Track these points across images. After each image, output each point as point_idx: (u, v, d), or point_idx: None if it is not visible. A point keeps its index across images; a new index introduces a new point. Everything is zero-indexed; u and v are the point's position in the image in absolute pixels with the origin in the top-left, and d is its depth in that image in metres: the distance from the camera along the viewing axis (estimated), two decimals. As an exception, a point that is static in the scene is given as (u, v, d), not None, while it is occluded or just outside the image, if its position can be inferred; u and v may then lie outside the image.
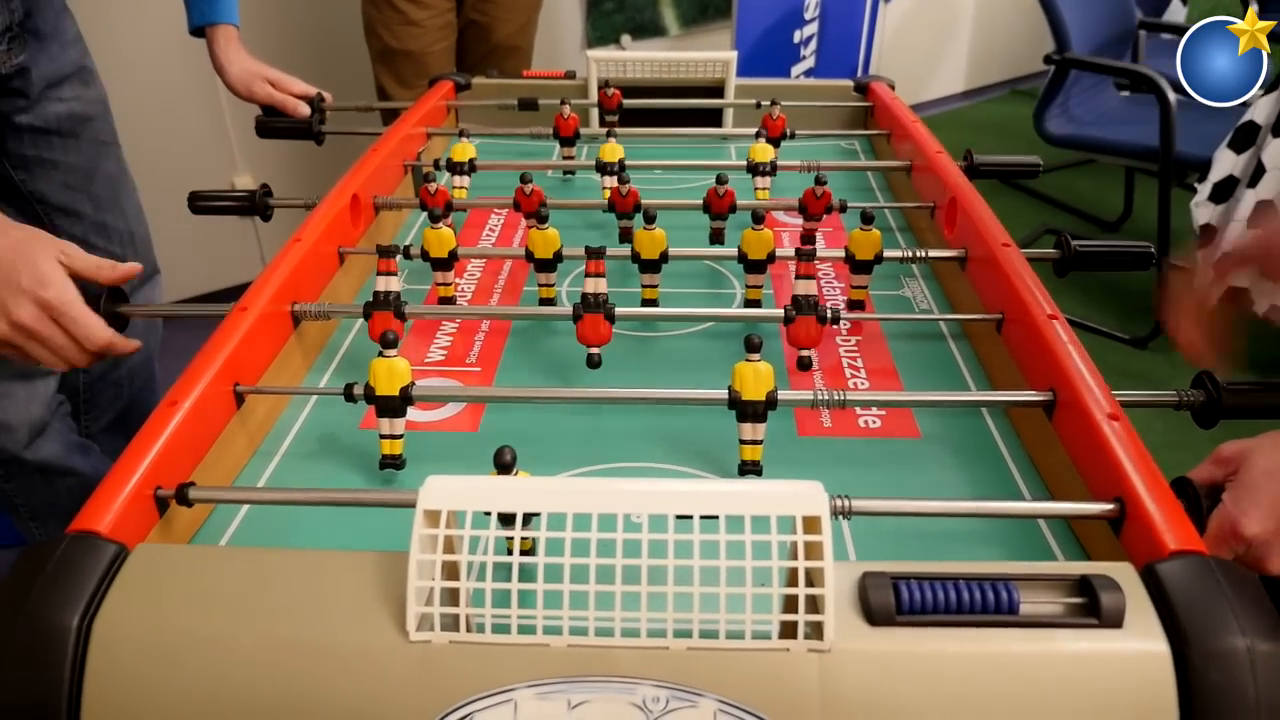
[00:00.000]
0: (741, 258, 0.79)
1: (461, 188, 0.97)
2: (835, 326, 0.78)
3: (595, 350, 0.71)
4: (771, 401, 0.59)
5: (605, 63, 1.19)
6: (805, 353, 0.73)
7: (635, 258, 0.78)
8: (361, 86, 1.87)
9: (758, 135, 0.99)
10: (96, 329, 0.69)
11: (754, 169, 0.96)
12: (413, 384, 0.60)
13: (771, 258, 0.78)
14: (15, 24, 0.96)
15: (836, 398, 0.61)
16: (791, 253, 0.74)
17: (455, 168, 0.97)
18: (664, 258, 0.78)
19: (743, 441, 0.61)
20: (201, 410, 0.57)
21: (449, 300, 0.83)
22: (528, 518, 0.42)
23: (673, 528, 0.40)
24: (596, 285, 0.70)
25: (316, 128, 1.12)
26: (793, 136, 1.06)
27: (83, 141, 1.08)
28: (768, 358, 0.60)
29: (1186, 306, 0.57)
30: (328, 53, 2.09)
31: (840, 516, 0.51)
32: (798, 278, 0.71)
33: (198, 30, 1.12)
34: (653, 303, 0.80)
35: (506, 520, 0.41)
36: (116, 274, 0.71)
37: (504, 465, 0.49)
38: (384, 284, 0.71)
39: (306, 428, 0.67)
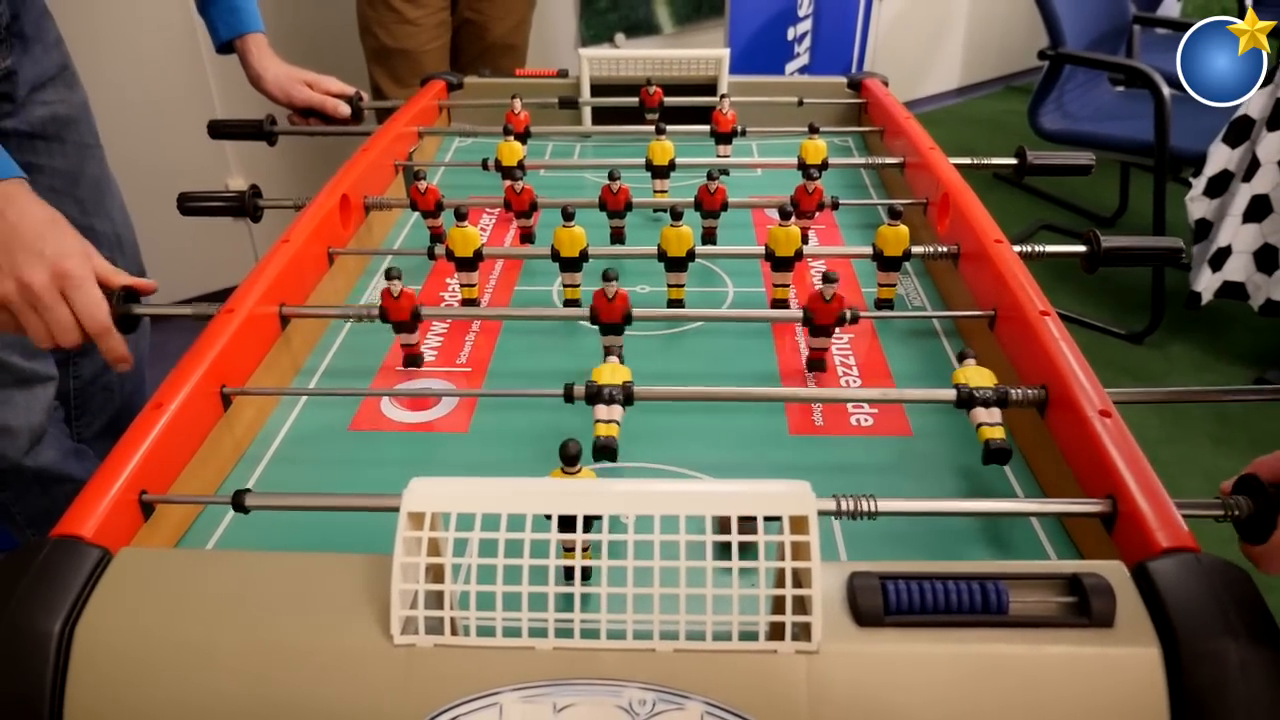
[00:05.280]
0: (769, 255, 0.77)
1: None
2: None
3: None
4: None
5: (597, 61, 1.18)
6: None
7: (661, 255, 0.77)
8: (356, 86, 1.86)
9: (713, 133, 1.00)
10: (102, 309, 0.67)
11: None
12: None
13: (799, 255, 0.77)
14: (2, 27, 0.95)
15: (832, 396, 0.60)
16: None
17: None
18: (691, 255, 0.76)
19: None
20: (187, 413, 0.57)
21: (472, 302, 0.81)
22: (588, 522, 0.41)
23: (659, 528, 0.40)
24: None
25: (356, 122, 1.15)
26: (743, 134, 1.03)
27: (67, 145, 1.07)
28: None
29: None
30: (323, 52, 2.07)
31: (849, 517, 0.50)
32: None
33: (225, 46, 1.11)
34: (679, 303, 0.78)
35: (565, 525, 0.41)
36: (129, 281, 0.71)
37: (569, 458, 0.48)
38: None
39: (294, 430, 0.67)
